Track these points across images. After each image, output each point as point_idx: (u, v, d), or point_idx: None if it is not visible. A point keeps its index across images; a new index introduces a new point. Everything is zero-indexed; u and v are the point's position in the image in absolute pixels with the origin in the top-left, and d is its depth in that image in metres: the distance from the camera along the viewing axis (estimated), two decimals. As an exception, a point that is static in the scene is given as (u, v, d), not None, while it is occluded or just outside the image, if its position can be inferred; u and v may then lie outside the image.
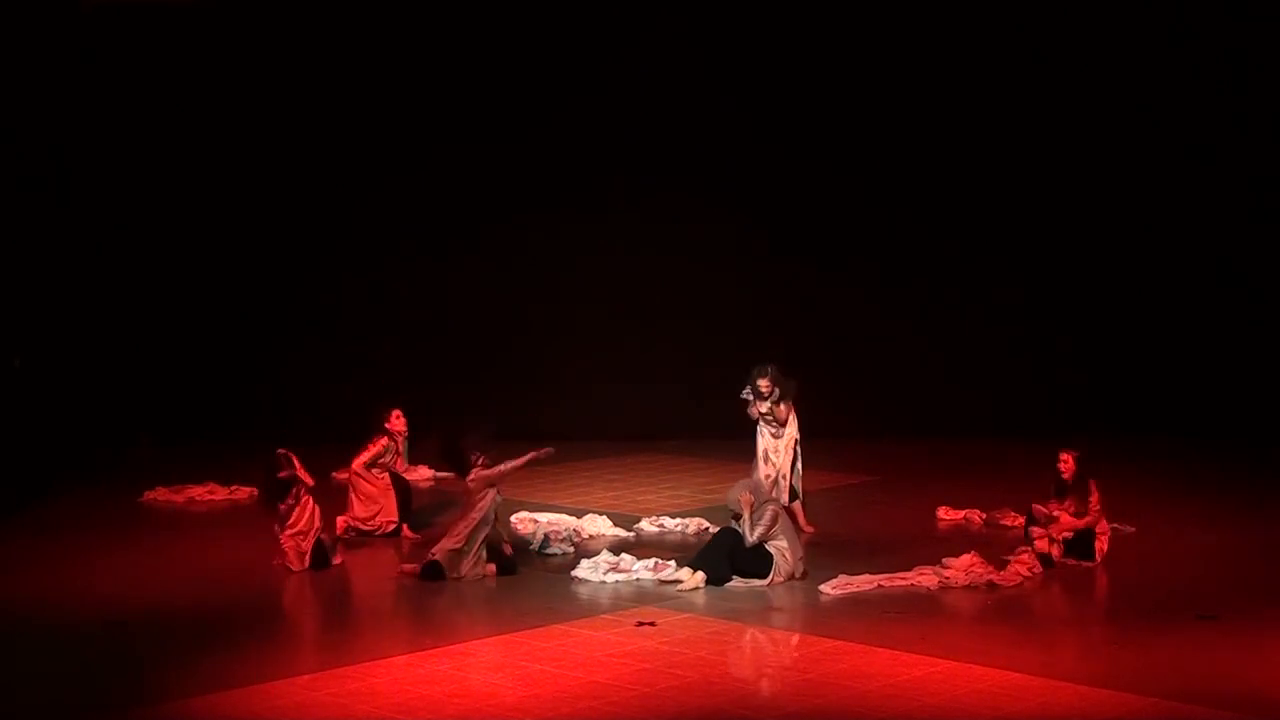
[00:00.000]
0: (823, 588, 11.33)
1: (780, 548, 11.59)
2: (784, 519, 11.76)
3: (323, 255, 18.14)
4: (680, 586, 11.42)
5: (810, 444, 13.51)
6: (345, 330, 18.02)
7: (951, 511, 13.80)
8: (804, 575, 11.59)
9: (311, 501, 12.14)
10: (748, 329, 17.69)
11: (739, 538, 11.58)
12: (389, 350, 18.13)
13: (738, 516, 11.66)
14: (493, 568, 11.88)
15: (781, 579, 11.50)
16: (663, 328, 18.20)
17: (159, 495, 15.13)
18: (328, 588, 11.94)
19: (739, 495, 11.70)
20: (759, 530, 11.51)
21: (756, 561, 11.55)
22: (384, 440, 13.41)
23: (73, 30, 15.86)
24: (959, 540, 12.76)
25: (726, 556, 11.56)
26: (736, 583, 11.49)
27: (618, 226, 18.18)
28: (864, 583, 11.41)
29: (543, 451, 11.99)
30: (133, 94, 17.22)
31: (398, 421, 13.45)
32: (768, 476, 12.89)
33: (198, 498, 15.14)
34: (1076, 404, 18.07)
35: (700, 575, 11.47)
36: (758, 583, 11.50)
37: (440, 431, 12.17)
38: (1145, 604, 11.09)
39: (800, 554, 11.67)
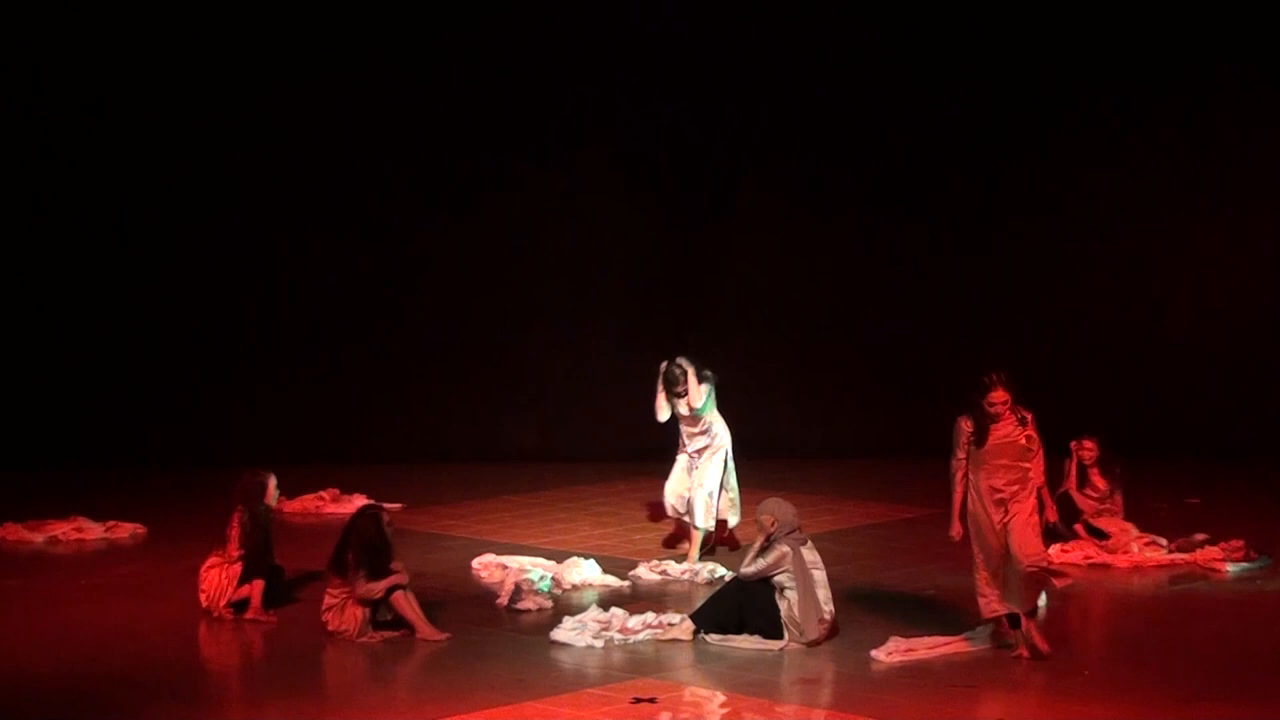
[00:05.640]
0: (875, 653, 10.89)
1: (790, 600, 11.15)
2: (799, 564, 11.24)
3: (203, 252, 18.13)
4: (663, 634, 11.28)
5: (846, 468, 13.75)
6: (253, 338, 18.00)
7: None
8: (820, 639, 11.14)
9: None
10: (752, 331, 18.14)
11: (750, 587, 11.29)
12: (304, 360, 18.19)
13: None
14: None
15: (795, 642, 11.08)
16: (661, 328, 18.04)
17: (7, 534, 14.68)
18: (237, 653, 11.65)
19: (762, 515, 11.48)
20: (756, 565, 11.28)
21: (770, 617, 11.16)
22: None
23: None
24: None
25: (735, 608, 11.31)
26: (745, 641, 11.14)
27: (607, 227, 18.51)
28: (926, 647, 10.95)
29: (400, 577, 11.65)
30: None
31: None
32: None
33: (62, 536, 14.69)
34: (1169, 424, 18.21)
35: (688, 624, 11.27)
36: (772, 644, 11.04)
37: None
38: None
39: (821, 614, 11.15)
